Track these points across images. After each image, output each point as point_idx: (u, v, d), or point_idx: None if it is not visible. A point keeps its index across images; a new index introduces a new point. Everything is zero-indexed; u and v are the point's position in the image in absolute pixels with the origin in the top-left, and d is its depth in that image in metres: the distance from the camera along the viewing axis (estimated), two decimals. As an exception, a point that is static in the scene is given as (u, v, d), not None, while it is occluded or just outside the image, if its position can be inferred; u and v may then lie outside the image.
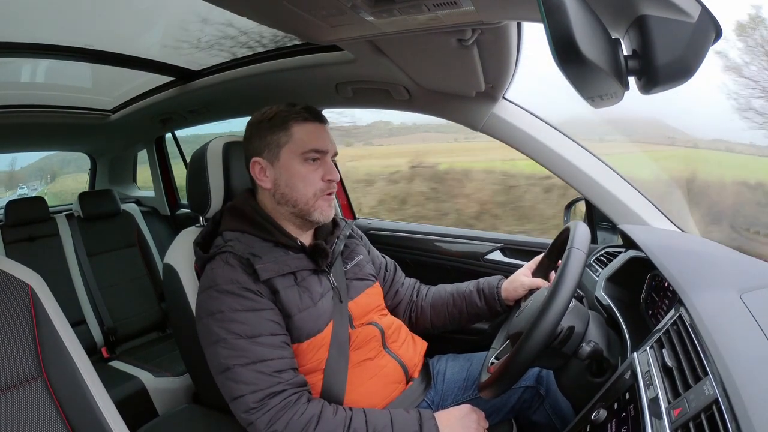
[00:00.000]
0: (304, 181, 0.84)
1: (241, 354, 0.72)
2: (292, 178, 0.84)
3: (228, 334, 0.74)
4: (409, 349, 0.97)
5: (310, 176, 0.85)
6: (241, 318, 0.74)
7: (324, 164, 0.87)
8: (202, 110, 1.76)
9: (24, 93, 1.71)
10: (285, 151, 0.84)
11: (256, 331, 0.74)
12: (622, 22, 0.49)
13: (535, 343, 0.64)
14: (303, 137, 0.84)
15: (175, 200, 2.51)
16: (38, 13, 1.11)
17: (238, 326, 0.74)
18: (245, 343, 0.73)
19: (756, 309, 0.57)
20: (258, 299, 0.77)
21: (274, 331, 0.76)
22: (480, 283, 1.03)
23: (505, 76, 1.00)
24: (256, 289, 0.77)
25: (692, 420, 0.44)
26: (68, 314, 0.78)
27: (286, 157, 0.84)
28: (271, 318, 0.77)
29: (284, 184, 0.85)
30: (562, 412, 0.92)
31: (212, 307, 0.76)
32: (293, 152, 0.84)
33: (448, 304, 1.04)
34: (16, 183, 5.35)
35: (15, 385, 0.68)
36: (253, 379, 0.71)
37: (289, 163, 0.84)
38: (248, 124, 0.90)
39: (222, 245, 0.83)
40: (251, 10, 0.83)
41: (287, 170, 0.84)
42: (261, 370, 0.72)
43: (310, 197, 0.85)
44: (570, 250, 0.71)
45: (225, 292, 0.76)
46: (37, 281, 0.75)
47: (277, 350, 0.75)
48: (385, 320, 0.96)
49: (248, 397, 0.70)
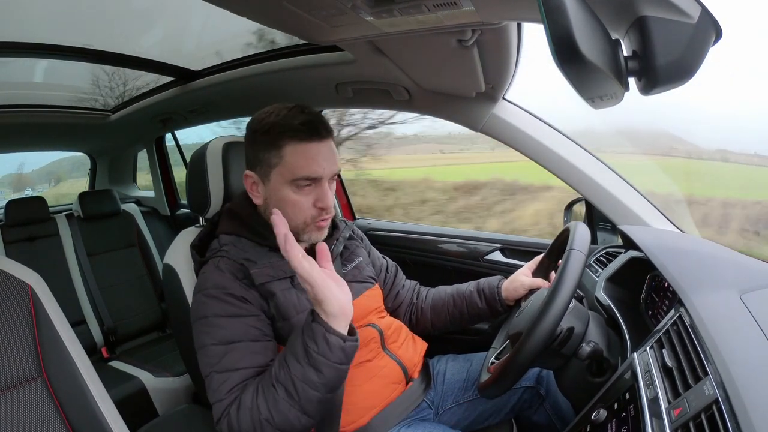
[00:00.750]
0: (294, 207, 0.79)
1: (217, 361, 0.72)
2: (281, 202, 0.79)
3: (209, 339, 0.73)
4: (408, 349, 0.97)
5: (300, 203, 0.79)
6: (223, 323, 0.74)
7: (318, 189, 0.80)
8: (202, 110, 1.76)
9: (24, 93, 1.71)
10: (275, 173, 0.79)
11: (235, 336, 0.73)
12: (622, 22, 0.49)
13: (534, 345, 0.64)
14: (295, 162, 0.77)
15: (175, 200, 2.51)
16: (38, 13, 1.11)
17: (219, 331, 0.73)
18: (222, 349, 0.72)
19: (756, 309, 0.57)
20: (241, 305, 0.76)
21: (256, 338, 0.75)
22: (480, 283, 1.03)
23: (505, 77, 1.00)
24: (242, 295, 0.76)
25: (692, 420, 0.44)
26: (68, 314, 0.78)
27: (276, 181, 0.79)
28: (254, 324, 0.76)
29: (273, 206, 0.80)
30: (562, 412, 0.93)
31: (200, 311, 0.76)
32: (283, 177, 0.78)
33: (449, 305, 1.04)
34: (24, 185, 5.39)
35: (15, 385, 0.68)
36: (222, 388, 0.70)
37: (279, 187, 0.79)
38: (247, 127, 0.86)
39: (217, 249, 0.83)
40: (251, 11, 0.83)
41: (276, 194, 0.80)
42: (229, 380, 0.70)
43: (299, 224, 0.80)
44: (570, 251, 0.71)
45: (211, 296, 0.76)
46: (37, 281, 0.75)
47: (253, 357, 0.73)
48: (383, 321, 0.96)
49: (216, 405, 0.70)
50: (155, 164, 2.45)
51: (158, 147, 2.43)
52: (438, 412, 0.97)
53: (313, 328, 0.64)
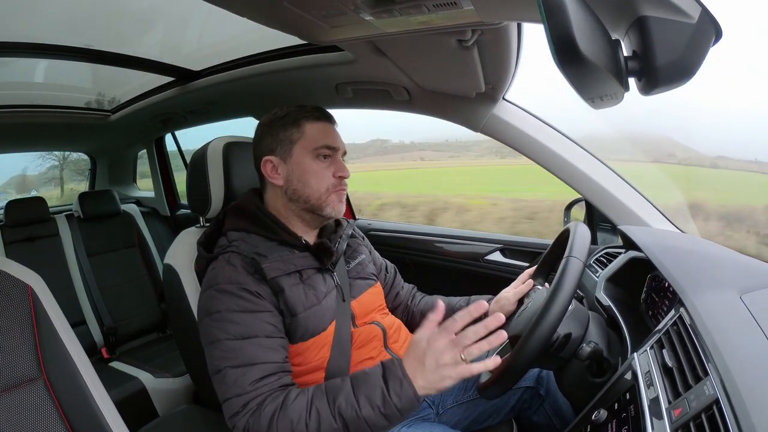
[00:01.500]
0: (317, 176, 0.86)
1: (233, 356, 0.72)
2: (305, 174, 0.85)
3: (223, 334, 0.74)
4: (409, 349, 0.97)
5: (322, 172, 0.86)
6: (237, 318, 0.74)
7: (335, 162, 0.88)
8: (202, 110, 1.76)
9: (24, 93, 1.71)
10: (297, 147, 0.86)
11: (250, 332, 0.74)
12: (622, 22, 0.49)
13: (530, 351, 0.65)
14: (315, 134, 0.86)
15: (175, 201, 2.51)
16: (38, 13, 1.11)
17: (233, 327, 0.74)
18: (237, 344, 0.72)
19: (756, 309, 0.57)
20: (256, 300, 0.77)
21: (270, 334, 0.76)
22: (471, 299, 1.03)
23: (505, 77, 1.00)
24: (255, 290, 0.77)
25: (693, 420, 0.44)
26: (68, 314, 0.78)
27: (299, 153, 0.86)
28: (268, 320, 0.77)
29: (297, 180, 0.86)
30: (562, 412, 0.92)
31: (211, 307, 0.76)
32: (306, 148, 0.86)
33: None
34: (29, 187, 5.43)
35: (15, 385, 0.68)
36: (240, 382, 0.70)
37: (302, 159, 0.86)
38: (259, 125, 0.90)
39: (226, 245, 0.83)
40: (251, 11, 0.83)
41: (299, 166, 0.86)
42: (248, 374, 0.70)
43: (322, 192, 0.86)
44: (567, 258, 0.70)
45: (224, 291, 0.76)
46: (37, 281, 0.75)
47: (269, 353, 0.74)
48: (386, 320, 0.96)
49: (233, 401, 0.70)
50: (155, 164, 2.45)
51: (158, 147, 2.43)
52: (438, 412, 0.97)
53: (403, 384, 0.64)
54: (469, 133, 1.19)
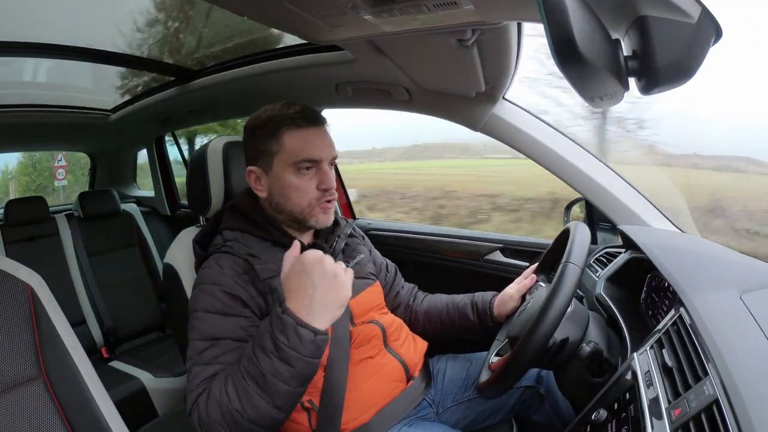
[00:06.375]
0: (298, 191, 0.82)
1: (197, 354, 0.72)
2: (285, 188, 0.82)
3: (195, 333, 0.74)
4: (410, 348, 0.97)
5: (304, 186, 0.82)
6: (209, 319, 0.74)
7: (319, 172, 0.83)
8: (202, 110, 1.76)
9: (24, 92, 1.71)
10: (277, 160, 0.82)
11: (219, 333, 0.73)
12: (622, 22, 0.49)
13: (529, 353, 0.66)
14: (295, 146, 0.81)
15: (175, 200, 2.51)
16: (38, 13, 1.11)
17: (203, 326, 0.74)
18: (203, 345, 0.73)
19: (756, 309, 0.57)
20: (232, 305, 0.76)
21: (240, 338, 0.74)
22: (475, 296, 1.03)
23: (505, 77, 1.00)
24: (236, 293, 0.76)
25: (692, 420, 0.44)
26: (68, 314, 0.78)
27: (279, 167, 0.82)
28: (242, 325, 0.76)
29: (278, 194, 0.84)
30: (562, 412, 0.93)
31: (192, 305, 0.77)
32: (285, 162, 0.82)
33: (442, 313, 1.04)
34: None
35: (15, 385, 0.68)
36: (194, 380, 0.70)
37: (282, 173, 0.82)
38: (244, 128, 0.89)
39: (221, 244, 0.83)
40: (251, 10, 0.83)
41: (279, 180, 0.83)
42: (202, 373, 0.70)
43: (305, 207, 0.83)
44: (565, 264, 0.70)
45: (205, 291, 0.76)
46: (37, 281, 0.75)
47: (228, 355, 0.72)
48: (386, 319, 0.96)
49: (188, 397, 0.70)
50: (155, 164, 2.45)
51: (158, 147, 2.43)
52: (438, 411, 0.97)
53: (283, 320, 0.62)
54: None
